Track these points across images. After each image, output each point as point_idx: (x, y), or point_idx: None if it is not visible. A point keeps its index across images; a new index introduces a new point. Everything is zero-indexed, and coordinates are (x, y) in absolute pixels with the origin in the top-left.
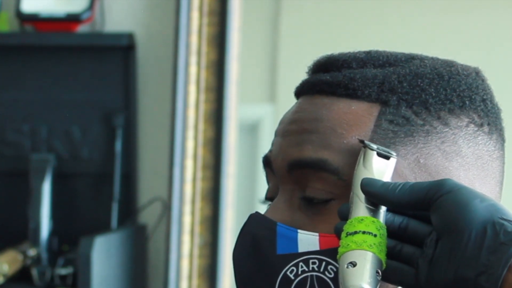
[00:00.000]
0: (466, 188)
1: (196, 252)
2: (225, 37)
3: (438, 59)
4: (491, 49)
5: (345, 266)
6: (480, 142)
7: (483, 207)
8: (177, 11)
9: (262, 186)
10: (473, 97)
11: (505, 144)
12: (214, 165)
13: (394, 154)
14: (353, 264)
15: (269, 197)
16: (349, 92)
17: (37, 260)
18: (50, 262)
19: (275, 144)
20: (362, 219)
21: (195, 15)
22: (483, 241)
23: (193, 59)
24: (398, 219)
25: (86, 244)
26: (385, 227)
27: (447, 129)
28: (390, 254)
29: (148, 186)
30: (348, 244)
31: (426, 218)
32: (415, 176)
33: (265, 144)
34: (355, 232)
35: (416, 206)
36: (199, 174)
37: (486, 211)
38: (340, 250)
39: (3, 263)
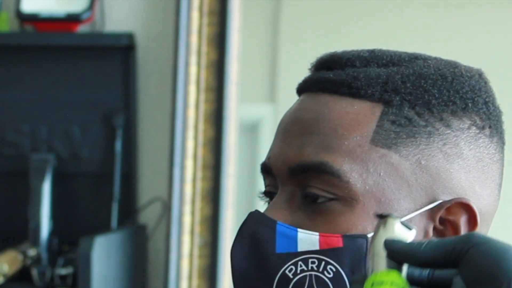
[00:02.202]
0: (496, 239)
1: (196, 252)
2: (225, 37)
3: (441, 59)
4: (491, 50)
5: None
6: (481, 145)
7: None
8: (177, 11)
9: (262, 186)
10: (475, 99)
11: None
12: (214, 165)
13: (415, 227)
14: None
15: (268, 191)
16: (352, 91)
17: (37, 260)
18: (50, 262)
19: (274, 147)
20: (387, 273)
21: (195, 15)
22: None
23: (193, 59)
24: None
25: (86, 244)
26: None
27: (449, 131)
28: None
29: (148, 186)
30: None
31: (448, 278)
32: (416, 177)
33: (265, 144)
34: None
35: (445, 261)
36: (199, 174)
37: None
38: None
39: (3, 263)
